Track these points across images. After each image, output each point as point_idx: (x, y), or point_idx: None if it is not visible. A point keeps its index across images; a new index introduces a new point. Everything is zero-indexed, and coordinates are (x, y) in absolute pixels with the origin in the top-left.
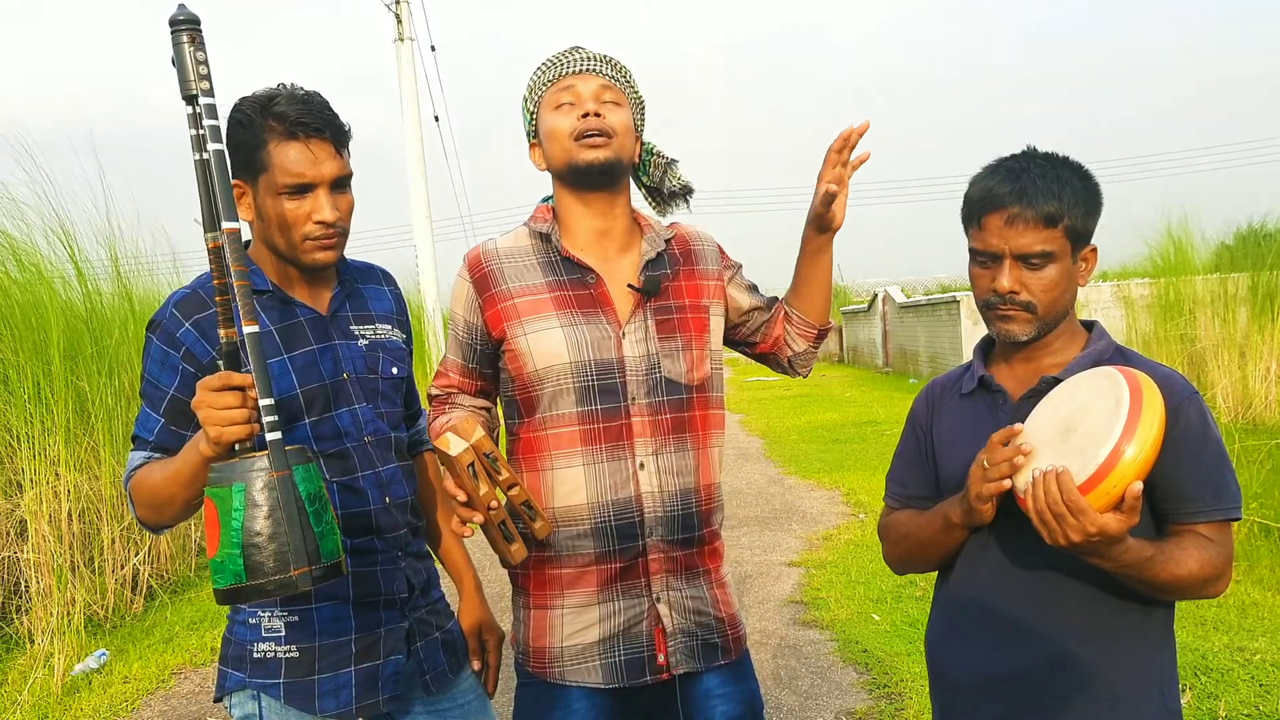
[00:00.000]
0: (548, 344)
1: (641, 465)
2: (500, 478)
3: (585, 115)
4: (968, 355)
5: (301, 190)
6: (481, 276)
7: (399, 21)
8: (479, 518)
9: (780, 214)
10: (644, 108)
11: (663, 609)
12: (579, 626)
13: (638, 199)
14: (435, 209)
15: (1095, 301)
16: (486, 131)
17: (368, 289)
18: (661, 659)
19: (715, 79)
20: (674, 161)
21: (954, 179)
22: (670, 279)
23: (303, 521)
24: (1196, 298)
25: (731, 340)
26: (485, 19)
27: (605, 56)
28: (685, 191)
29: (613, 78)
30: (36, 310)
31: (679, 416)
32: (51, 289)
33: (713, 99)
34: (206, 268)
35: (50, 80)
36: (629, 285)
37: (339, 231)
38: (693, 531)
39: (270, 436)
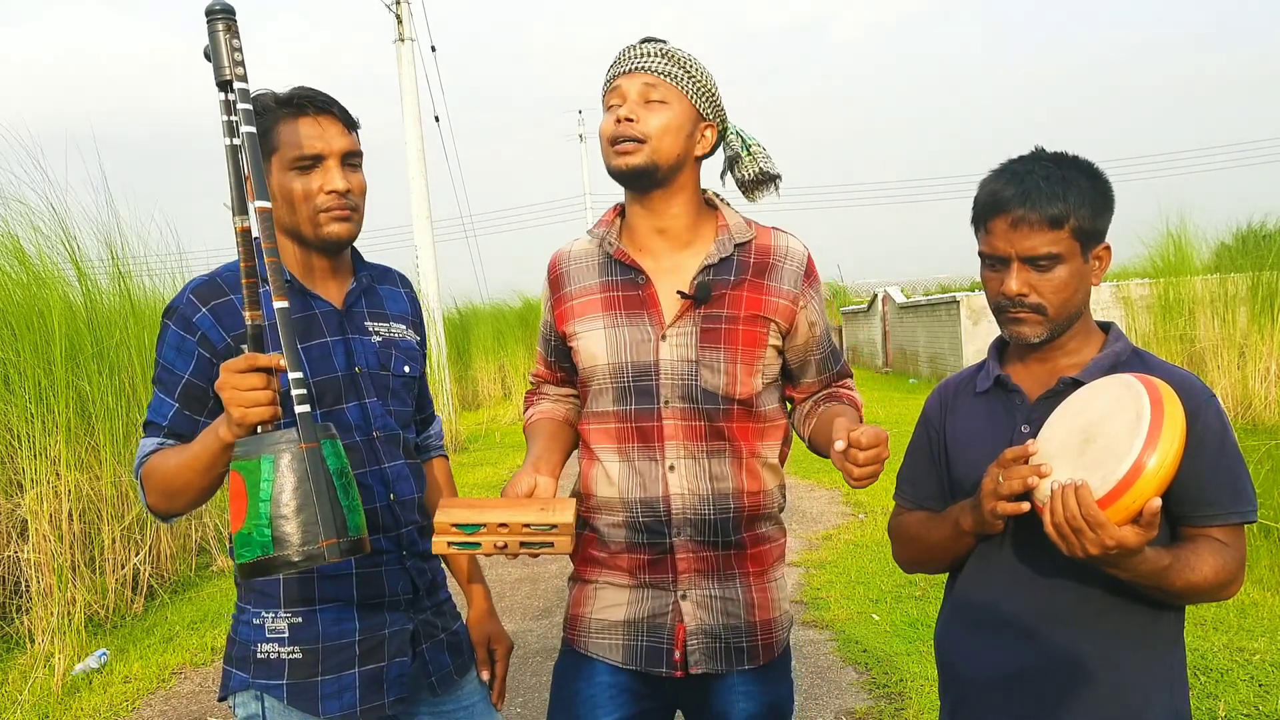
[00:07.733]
0: (590, 345)
1: (671, 467)
2: (488, 540)
3: (618, 121)
4: (968, 355)
5: (311, 163)
6: (555, 278)
7: (399, 22)
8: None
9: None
10: (712, 96)
11: (686, 606)
12: (609, 603)
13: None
14: (435, 209)
15: (1095, 302)
16: (487, 130)
17: (384, 289)
18: (678, 656)
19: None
20: (738, 155)
21: (955, 179)
22: (730, 286)
23: (331, 494)
24: (1196, 298)
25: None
26: (486, 17)
27: (662, 50)
28: (764, 179)
29: (663, 72)
30: (38, 310)
31: (716, 425)
32: (53, 289)
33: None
34: (208, 268)
35: (48, 80)
36: (678, 292)
37: (351, 205)
38: (728, 535)
39: (300, 409)
